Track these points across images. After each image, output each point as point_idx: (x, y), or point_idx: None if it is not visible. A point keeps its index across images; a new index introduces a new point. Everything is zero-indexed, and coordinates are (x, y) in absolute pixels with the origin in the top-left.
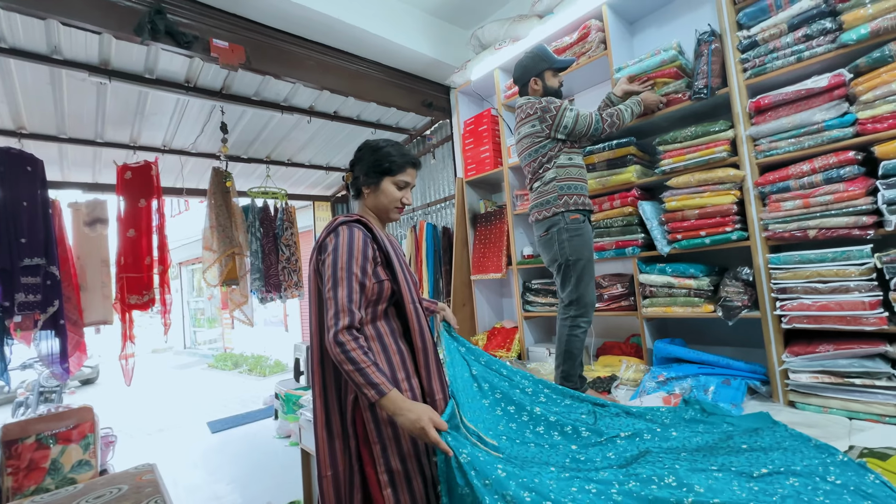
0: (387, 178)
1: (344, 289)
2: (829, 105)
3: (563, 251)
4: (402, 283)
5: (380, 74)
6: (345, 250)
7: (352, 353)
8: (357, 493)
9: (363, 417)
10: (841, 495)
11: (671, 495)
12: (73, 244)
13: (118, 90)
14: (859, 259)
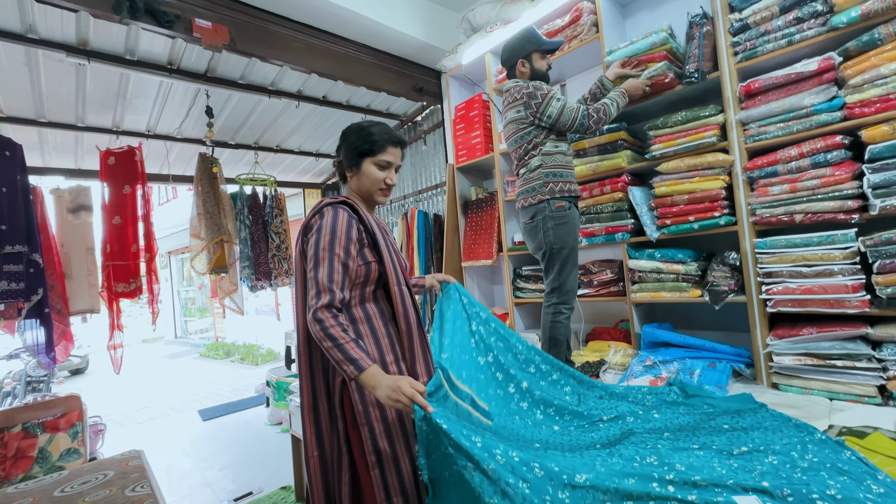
0: (367, 159)
1: (324, 268)
2: (818, 89)
3: (547, 239)
4: (388, 264)
5: (369, 58)
6: (328, 231)
7: (330, 330)
8: (345, 474)
9: (351, 399)
10: (818, 472)
11: (653, 472)
12: (57, 232)
13: (98, 72)
14: (844, 243)
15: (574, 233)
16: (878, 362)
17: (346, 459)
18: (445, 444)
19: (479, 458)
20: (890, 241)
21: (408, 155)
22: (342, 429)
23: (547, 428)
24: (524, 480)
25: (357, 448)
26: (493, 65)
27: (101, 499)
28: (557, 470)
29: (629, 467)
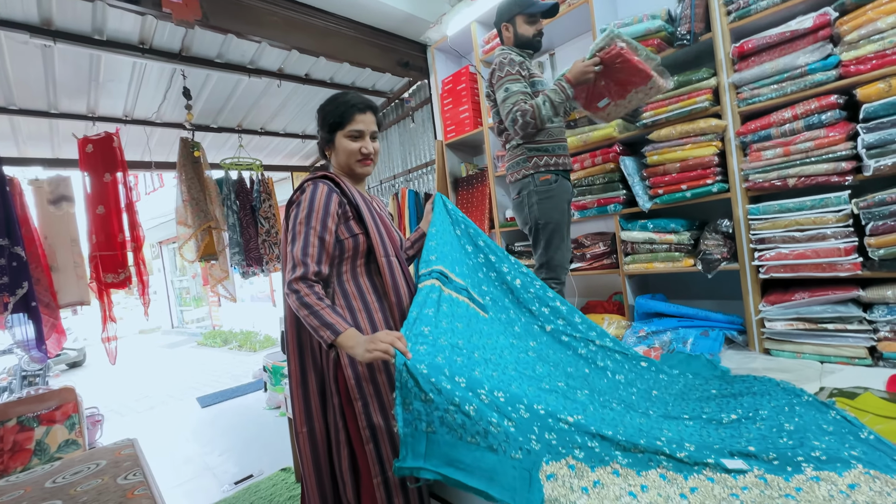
0: (338, 133)
1: (300, 242)
2: (812, 47)
3: (532, 214)
4: (374, 236)
5: (351, 32)
6: (305, 206)
7: (305, 299)
8: (343, 449)
9: (344, 375)
10: (804, 433)
11: (642, 429)
12: (39, 224)
13: (66, 54)
14: (837, 206)
15: (560, 206)
16: (868, 324)
17: (342, 435)
18: (427, 389)
19: (461, 399)
20: (883, 202)
21: (396, 133)
22: (337, 404)
23: (539, 331)
24: (509, 419)
25: (352, 423)
26: (479, 35)
27: (92, 488)
28: (544, 413)
29: (619, 420)
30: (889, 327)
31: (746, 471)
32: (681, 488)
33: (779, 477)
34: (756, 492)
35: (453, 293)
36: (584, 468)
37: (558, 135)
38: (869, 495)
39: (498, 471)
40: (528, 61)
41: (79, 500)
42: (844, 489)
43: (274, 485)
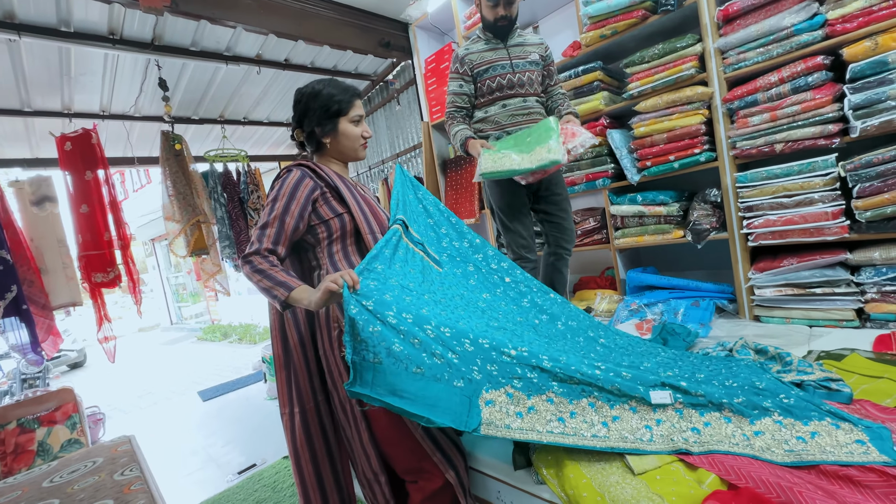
0: (341, 119)
1: (260, 223)
2: (798, 7)
3: (487, 200)
4: (357, 214)
5: (329, 12)
6: (273, 192)
7: (257, 265)
8: (360, 422)
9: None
10: (733, 385)
11: (584, 362)
12: (24, 226)
13: (33, 48)
14: (824, 169)
15: (509, 190)
16: (856, 286)
17: (356, 407)
18: (375, 321)
19: (407, 332)
20: (870, 163)
21: (382, 117)
22: (332, 384)
23: (493, 286)
24: (453, 352)
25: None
26: (460, 10)
27: (89, 485)
28: (488, 346)
29: (559, 356)
30: (876, 289)
31: (668, 404)
32: (604, 416)
33: (694, 411)
34: (668, 425)
35: (410, 243)
36: (521, 396)
37: (506, 121)
38: (767, 441)
39: (440, 398)
40: (480, 49)
41: (76, 497)
42: (749, 434)
43: (277, 472)
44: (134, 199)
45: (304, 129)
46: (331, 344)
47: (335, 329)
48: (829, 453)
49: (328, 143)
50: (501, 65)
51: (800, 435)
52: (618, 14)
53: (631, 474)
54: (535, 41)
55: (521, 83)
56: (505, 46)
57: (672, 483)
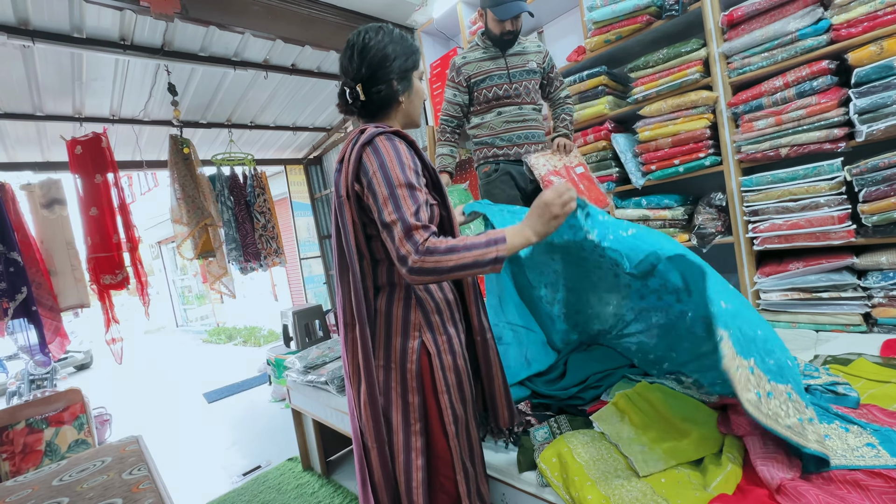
0: (414, 73)
1: (410, 205)
2: (803, 12)
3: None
4: (451, 207)
5: (336, 18)
6: (395, 163)
7: (442, 246)
8: (417, 458)
9: (431, 366)
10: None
11: None
12: (35, 228)
13: (47, 54)
14: (830, 174)
15: (500, 195)
16: (863, 291)
17: (419, 441)
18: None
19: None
20: (876, 167)
21: None
22: (419, 403)
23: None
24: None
25: (436, 419)
26: (465, 16)
27: (98, 484)
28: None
29: None
30: (883, 293)
31: None
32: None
33: None
34: None
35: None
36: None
37: (500, 127)
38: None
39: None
40: (478, 58)
41: (85, 496)
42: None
43: (282, 474)
44: (141, 202)
45: (373, 85)
46: (418, 353)
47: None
48: (840, 457)
49: (403, 101)
50: (499, 75)
51: None
52: (622, 19)
53: (636, 477)
54: (534, 49)
55: (517, 93)
56: (503, 56)
57: (677, 486)
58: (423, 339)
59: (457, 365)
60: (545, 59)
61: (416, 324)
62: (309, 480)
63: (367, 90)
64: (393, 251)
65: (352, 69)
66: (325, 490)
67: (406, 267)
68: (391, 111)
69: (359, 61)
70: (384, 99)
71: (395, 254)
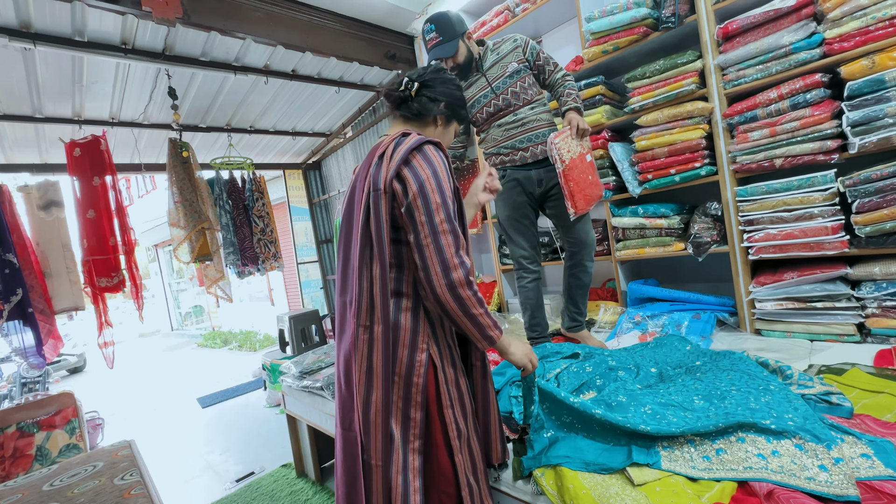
0: (455, 122)
1: (454, 223)
2: (796, 26)
3: (495, 211)
4: (466, 223)
5: (336, 25)
6: (444, 174)
7: (479, 294)
8: (415, 479)
9: (437, 378)
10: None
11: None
12: (30, 230)
13: (48, 57)
14: (823, 185)
15: (508, 202)
16: (856, 301)
17: (416, 459)
18: (549, 401)
19: (571, 405)
20: (868, 179)
21: (387, 127)
22: (421, 418)
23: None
24: (618, 413)
25: (440, 434)
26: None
27: (90, 489)
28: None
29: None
30: (877, 304)
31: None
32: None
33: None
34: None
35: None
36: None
37: (501, 137)
38: (785, 462)
39: (613, 451)
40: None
41: (76, 501)
42: (766, 454)
43: (275, 481)
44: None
45: (426, 93)
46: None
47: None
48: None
49: (438, 124)
50: (483, 94)
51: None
52: (620, 31)
53: (631, 485)
54: (509, 48)
55: (506, 103)
56: (482, 73)
57: (672, 495)
58: (430, 353)
59: (458, 379)
60: (525, 50)
61: (426, 335)
62: (303, 487)
63: (420, 91)
64: (436, 260)
65: (421, 73)
66: (319, 497)
67: (448, 280)
68: (425, 124)
69: (432, 73)
70: (426, 107)
71: (440, 264)
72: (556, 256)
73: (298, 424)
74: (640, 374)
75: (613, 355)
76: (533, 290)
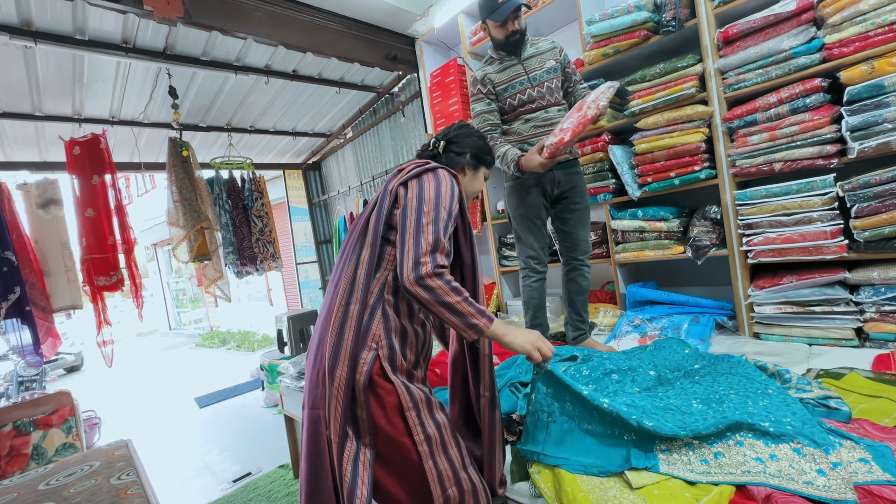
0: (483, 168)
1: (442, 229)
2: (796, 31)
3: (507, 206)
4: (477, 258)
5: (338, 26)
6: (447, 192)
7: (454, 284)
8: (364, 471)
9: (390, 379)
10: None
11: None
12: (30, 228)
13: (48, 55)
14: (822, 189)
15: (527, 199)
16: (855, 305)
17: (368, 454)
18: (554, 385)
19: (578, 392)
20: (867, 184)
21: (387, 129)
22: (368, 427)
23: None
24: (618, 409)
25: (405, 437)
26: (466, 27)
27: (86, 489)
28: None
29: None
30: (875, 308)
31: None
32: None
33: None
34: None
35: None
36: (701, 444)
37: (528, 132)
38: (783, 466)
39: (612, 450)
40: (496, 70)
41: (72, 501)
42: (764, 458)
43: (272, 482)
44: (138, 204)
45: (453, 148)
46: (368, 378)
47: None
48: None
49: (466, 173)
50: (520, 81)
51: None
52: (620, 34)
53: (629, 489)
54: (548, 47)
55: (541, 95)
56: (520, 61)
57: (670, 498)
58: (378, 353)
59: (420, 389)
60: (561, 53)
61: (378, 335)
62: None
63: (446, 148)
64: (410, 253)
65: (446, 132)
66: None
67: (416, 273)
68: (453, 165)
69: (455, 130)
70: (453, 161)
71: (412, 257)
72: (555, 259)
73: (296, 425)
74: (638, 378)
75: (612, 358)
76: (537, 290)
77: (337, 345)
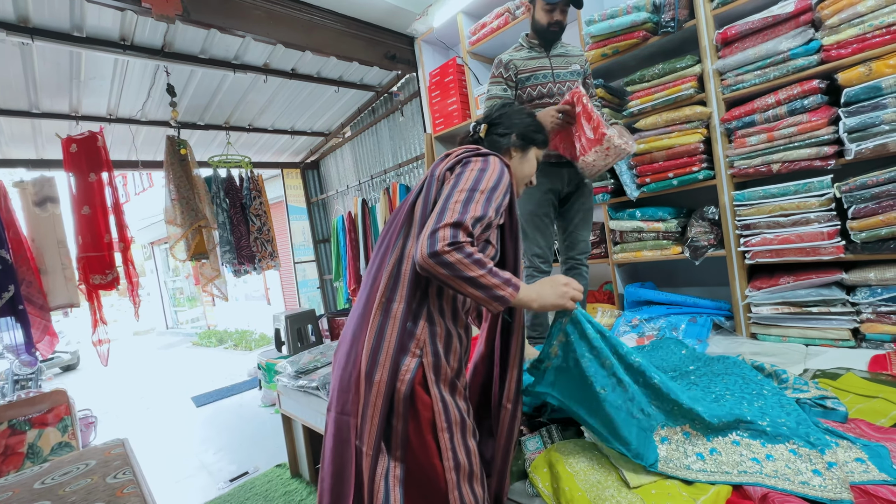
0: (534, 148)
1: (478, 209)
2: (794, 32)
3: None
4: (520, 255)
5: (337, 25)
6: (491, 177)
7: (476, 255)
8: (396, 468)
9: (431, 394)
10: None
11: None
12: (26, 226)
13: (45, 52)
14: (820, 190)
15: (533, 199)
16: (851, 306)
17: (399, 469)
18: (579, 334)
19: (600, 349)
20: (864, 185)
21: (386, 128)
22: (401, 430)
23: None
24: (636, 383)
25: (435, 458)
26: (465, 26)
27: (81, 487)
28: (667, 391)
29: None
30: (871, 309)
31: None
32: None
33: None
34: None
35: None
36: (699, 436)
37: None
38: (779, 466)
39: (619, 423)
40: (523, 57)
41: (67, 500)
42: (761, 458)
43: (269, 481)
44: (135, 202)
45: (497, 130)
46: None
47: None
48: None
49: (513, 156)
50: (543, 73)
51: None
52: (619, 34)
53: (626, 488)
54: (576, 52)
55: (560, 93)
56: (548, 55)
57: (667, 498)
58: (422, 361)
59: (458, 403)
60: (586, 63)
61: (421, 340)
62: (297, 488)
63: (489, 131)
64: (430, 225)
65: (488, 114)
66: (314, 498)
67: (431, 247)
68: (500, 151)
69: (498, 111)
70: (496, 143)
71: (430, 228)
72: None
73: (293, 424)
74: None
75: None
76: None
77: (377, 346)
